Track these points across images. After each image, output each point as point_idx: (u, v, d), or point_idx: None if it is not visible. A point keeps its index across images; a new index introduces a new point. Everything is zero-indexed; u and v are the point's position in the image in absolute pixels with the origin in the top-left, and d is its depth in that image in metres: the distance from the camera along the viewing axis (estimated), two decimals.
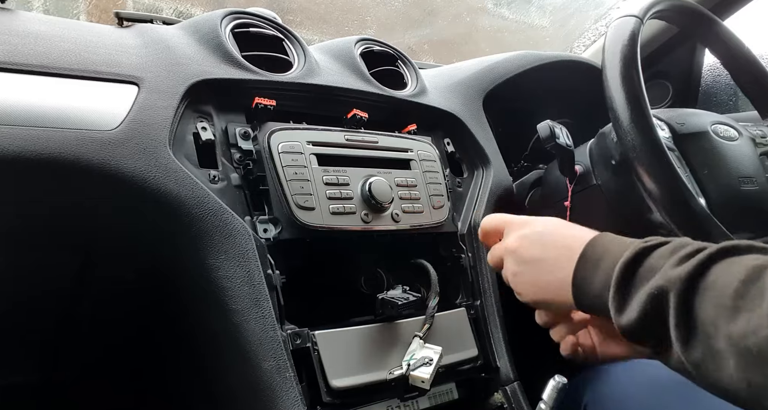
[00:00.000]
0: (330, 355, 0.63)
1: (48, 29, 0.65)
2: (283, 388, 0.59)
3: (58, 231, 0.64)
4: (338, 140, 0.72)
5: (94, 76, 0.62)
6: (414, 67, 0.90)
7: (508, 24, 2.05)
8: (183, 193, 0.60)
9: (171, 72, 0.66)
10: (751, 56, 0.94)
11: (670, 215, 0.70)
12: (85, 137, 0.57)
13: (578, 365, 0.80)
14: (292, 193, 0.65)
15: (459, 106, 0.90)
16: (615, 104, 0.71)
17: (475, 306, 0.80)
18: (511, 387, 0.78)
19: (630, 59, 0.72)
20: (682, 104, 1.29)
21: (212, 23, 0.74)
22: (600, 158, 0.84)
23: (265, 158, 0.66)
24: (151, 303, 0.75)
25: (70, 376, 0.86)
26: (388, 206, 0.72)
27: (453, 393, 0.75)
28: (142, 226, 0.63)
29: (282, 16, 0.83)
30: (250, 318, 0.60)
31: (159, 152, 0.60)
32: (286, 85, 0.73)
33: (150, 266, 0.68)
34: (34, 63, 0.59)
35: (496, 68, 1.00)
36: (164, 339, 0.80)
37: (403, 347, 0.69)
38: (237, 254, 0.61)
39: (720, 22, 0.92)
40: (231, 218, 0.62)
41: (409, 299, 0.68)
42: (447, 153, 0.87)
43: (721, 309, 0.40)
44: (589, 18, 1.54)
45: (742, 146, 0.90)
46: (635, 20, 0.75)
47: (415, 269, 0.76)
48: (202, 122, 0.66)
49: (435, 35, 1.78)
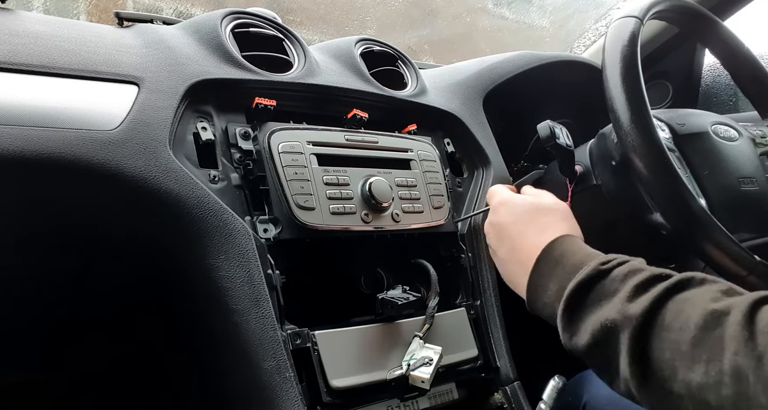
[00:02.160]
0: (330, 355, 0.63)
1: (48, 29, 0.65)
2: (283, 388, 0.58)
3: (58, 231, 0.64)
4: (338, 140, 0.72)
5: (94, 76, 0.62)
6: (414, 67, 0.90)
7: (508, 24, 2.05)
8: (183, 193, 0.60)
9: (171, 72, 0.66)
10: (751, 56, 0.94)
11: (670, 216, 0.70)
12: (86, 137, 0.57)
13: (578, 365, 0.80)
14: (292, 193, 0.65)
15: (459, 106, 0.90)
16: (615, 104, 0.71)
17: (475, 306, 0.80)
18: (511, 387, 0.78)
19: (630, 60, 0.72)
20: (682, 104, 1.29)
21: (212, 23, 0.74)
22: (600, 159, 0.84)
23: (265, 158, 0.66)
24: (151, 303, 0.75)
25: (70, 376, 0.86)
26: (388, 206, 0.72)
27: (453, 393, 0.75)
28: (142, 226, 0.63)
29: (282, 16, 0.83)
30: (250, 318, 0.60)
31: (159, 152, 0.60)
32: (286, 85, 0.73)
33: (150, 266, 0.68)
34: (34, 63, 0.59)
35: (496, 68, 1.00)
36: (164, 339, 0.80)
37: (403, 347, 0.69)
38: (237, 254, 0.61)
39: (720, 22, 0.92)
40: (231, 218, 0.61)
41: (409, 299, 0.68)
42: (447, 153, 0.87)
43: (678, 353, 0.39)
44: (589, 18, 1.54)
45: (742, 146, 0.90)
46: (635, 21, 0.75)
47: (415, 269, 0.76)
48: (202, 122, 0.66)
49: (435, 35, 1.78)
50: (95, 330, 0.79)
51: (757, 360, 0.35)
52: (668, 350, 0.40)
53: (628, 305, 0.43)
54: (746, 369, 0.36)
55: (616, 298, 0.44)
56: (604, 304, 0.45)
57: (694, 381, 0.38)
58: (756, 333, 0.36)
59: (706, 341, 0.38)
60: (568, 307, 0.48)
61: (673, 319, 0.41)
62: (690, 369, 0.39)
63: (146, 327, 0.79)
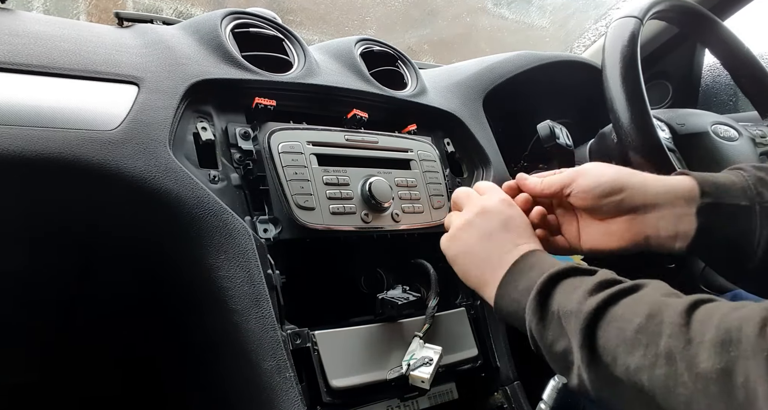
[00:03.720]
0: (330, 355, 0.63)
1: (48, 29, 0.65)
2: (283, 388, 0.58)
3: (59, 231, 0.64)
4: (338, 140, 0.72)
5: (94, 76, 0.62)
6: (414, 67, 0.90)
7: (508, 24, 2.05)
8: (183, 193, 0.60)
9: (171, 72, 0.66)
10: (751, 56, 0.94)
11: None
12: (85, 137, 0.57)
13: None
14: (292, 193, 0.65)
15: (459, 106, 0.90)
16: (615, 104, 0.71)
17: (475, 306, 0.80)
18: (511, 387, 0.78)
19: (630, 60, 0.72)
20: (682, 104, 1.29)
21: (212, 23, 0.74)
22: (600, 158, 0.84)
23: (265, 158, 0.66)
24: (150, 303, 0.75)
25: (70, 376, 0.86)
26: (388, 206, 0.72)
27: (453, 393, 0.75)
28: (142, 226, 0.63)
29: (282, 16, 0.83)
30: (250, 318, 0.60)
31: (159, 152, 0.60)
32: (286, 86, 0.73)
33: (150, 266, 0.68)
34: (34, 63, 0.59)
35: (496, 68, 1.00)
36: (164, 338, 0.80)
37: (403, 347, 0.69)
38: (237, 254, 0.61)
39: (720, 22, 0.92)
40: (231, 218, 0.61)
41: (409, 299, 0.69)
42: (447, 153, 0.87)
43: (622, 340, 0.43)
44: (589, 18, 1.54)
45: (742, 146, 0.90)
46: (635, 21, 0.76)
47: (415, 269, 0.76)
48: (202, 122, 0.66)
49: (435, 35, 1.78)
50: (95, 329, 0.79)
51: (686, 342, 0.39)
52: (615, 337, 0.43)
53: (589, 298, 0.46)
54: (675, 350, 0.39)
55: (580, 290, 0.47)
56: (570, 295, 0.48)
57: (632, 364, 0.41)
58: (691, 322, 0.40)
59: (648, 327, 0.42)
60: (539, 294, 0.50)
61: (624, 312, 0.44)
62: (630, 353, 0.42)
63: (146, 327, 0.79)
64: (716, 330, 0.38)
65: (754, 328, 0.36)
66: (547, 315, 0.49)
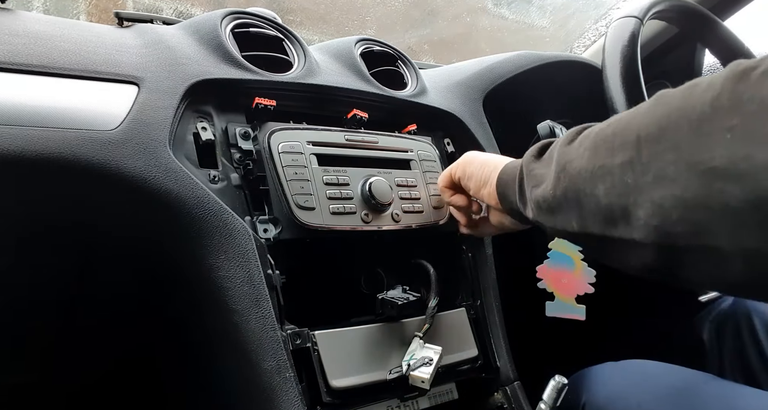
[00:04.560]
0: (330, 355, 0.63)
1: (48, 29, 0.65)
2: (283, 388, 0.58)
3: (59, 231, 0.64)
4: (338, 140, 0.72)
5: (94, 76, 0.62)
6: (414, 67, 0.90)
7: (508, 24, 2.05)
8: (183, 193, 0.60)
9: (171, 72, 0.66)
10: (751, 56, 0.94)
11: None
12: (85, 137, 0.57)
13: (577, 365, 0.80)
14: (292, 193, 0.65)
15: (459, 106, 0.90)
16: (615, 104, 0.71)
17: (475, 306, 0.80)
18: (511, 387, 0.78)
19: (630, 60, 0.72)
20: None
21: (212, 23, 0.74)
22: None
23: (265, 158, 0.66)
24: (150, 303, 0.75)
25: (70, 376, 0.86)
26: (388, 206, 0.72)
27: (453, 393, 0.75)
28: (142, 226, 0.63)
29: (282, 16, 0.83)
30: (250, 318, 0.60)
31: (159, 152, 0.60)
32: (286, 86, 0.73)
33: (150, 266, 0.68)
34: (34, 63, 0.59)
35: (496, 68, 1.00)
36: (164, 339, 0.80)
37: (403, 347, 0.69)
38: (237, 254, 0.61)
39: (720, 22, 0.92)
40: (231, 219, 0.61)
41: (409, 299, 0.69)
42: (447, 153, 0.87)
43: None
44: (589, 18, 1.54)
45: None
46: (635, 21, 0.76)
47: (415, 269, 0.76)
48: (202, 122, 0.66)
49: (435, 35, 1.78)
50: (95, 329, 0.79)
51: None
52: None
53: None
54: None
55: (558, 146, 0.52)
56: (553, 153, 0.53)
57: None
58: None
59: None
60: (535, 150, 0.56)
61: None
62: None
63: (146, 327, 0.79)
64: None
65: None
66: (543, 155, 0.55)
